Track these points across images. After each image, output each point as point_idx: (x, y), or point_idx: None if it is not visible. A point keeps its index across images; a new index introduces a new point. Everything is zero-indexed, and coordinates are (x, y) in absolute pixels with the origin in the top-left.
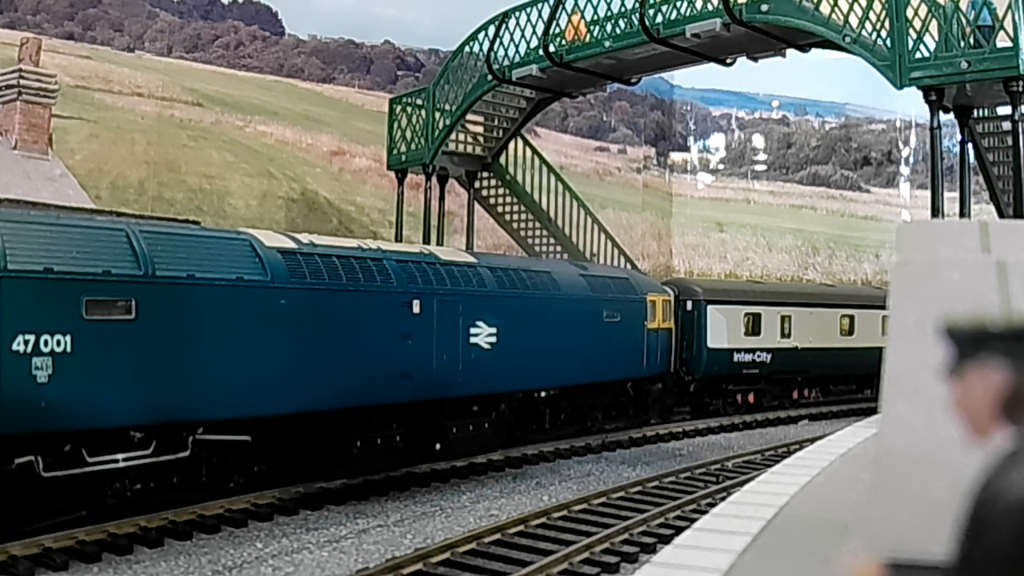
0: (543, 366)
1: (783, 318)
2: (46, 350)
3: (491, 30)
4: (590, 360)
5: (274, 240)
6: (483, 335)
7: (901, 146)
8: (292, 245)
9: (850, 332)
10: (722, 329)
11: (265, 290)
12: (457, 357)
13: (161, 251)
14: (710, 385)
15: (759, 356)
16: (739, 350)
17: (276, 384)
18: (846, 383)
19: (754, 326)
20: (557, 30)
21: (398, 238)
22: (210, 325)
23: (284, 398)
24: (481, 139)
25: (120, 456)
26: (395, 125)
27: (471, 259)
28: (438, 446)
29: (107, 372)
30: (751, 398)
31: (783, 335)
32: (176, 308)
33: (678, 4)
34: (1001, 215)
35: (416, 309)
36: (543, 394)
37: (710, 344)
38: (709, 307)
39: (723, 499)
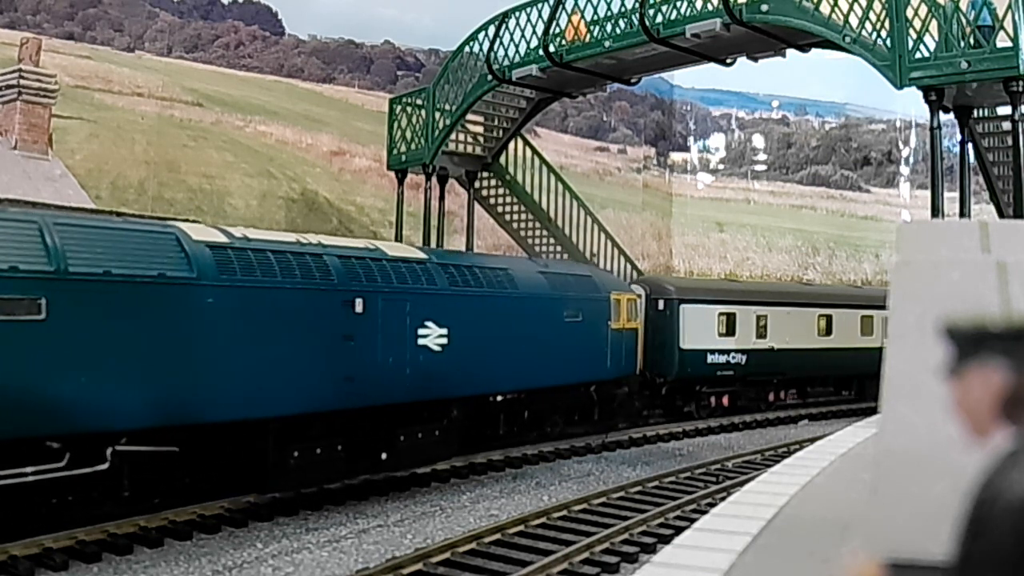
0: (499, 369)
1: (759, 318)
2: None
3: (491, 30)
4: (550, 362)
5: (203, 234)
6: (433, 336)
7: (901, 146)
8: (223, 239)
9: (828, 332)
10: (695, 329)
11: (190, 287)
12: (404, 360)
13: (75, 245)
14: (683, 387)
15: (734, 357)
16: (713, 351)
17: (204, 390)
18: (823, 385)
19: (729, 326)
20: (557, 30)
21: (398, 238)
22: (129, 326)
23: (213, 405)
24: (481, 139)
25: (29, 469)
26: (395, 125)
27: (421, 255)
28: (384, 456)
29: (13, 377)
30: (725, 401)
31: (759, 335)
32: (91, 307)
33: (678, 4)
34: (1001, 215)
35: (359, 308)
36: (499, 398)
37: (683, 345)
38: (682, 306)
39: (723, 499)
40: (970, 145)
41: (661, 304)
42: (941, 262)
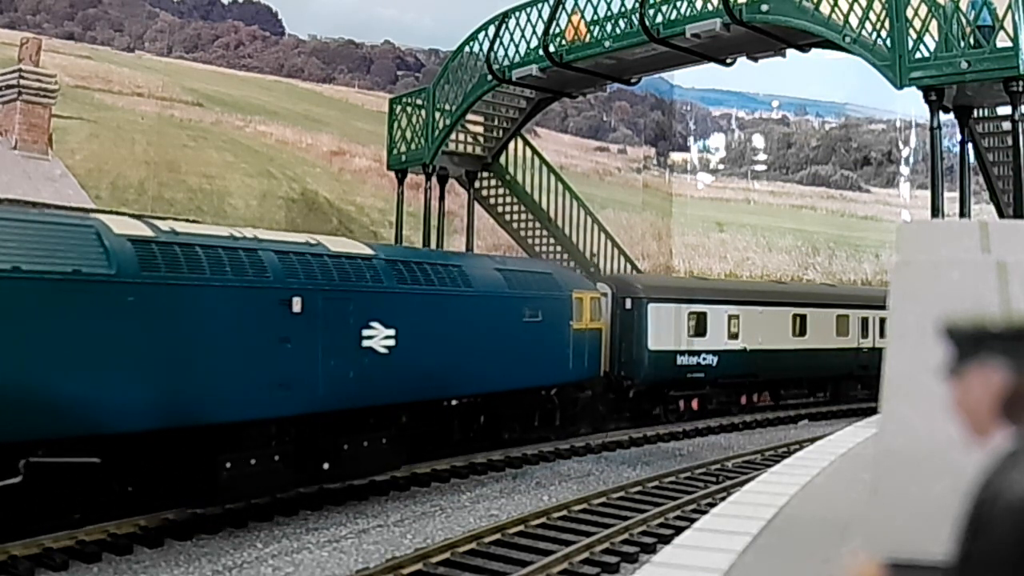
0: (451, 372)
1: (730, 318)
2: None
3: (491, 30)
4: (507, 364)
5: (125, 227)
6: (379, 337)
7: (901, 146)
8: (147, 233)
9: (802, 332)
10: (664, 330)
11: (108, 285)
12: (347, 363)
13: None
14: (651, 391)
15: (704, 359)
16: (683, 352)
17: (124, 396)
18: (798, 387)
19: (699, 326)
20: (557, 30)
21: (398, 238)
22: (40, 327)
23: (135, 413)
24: (481, 139)
25: None
26: (395, 125)
27: (367, 251)
28: (326, 466)
29: None
30: (695, 404)
31: (730, 336)
32: None
33: (678, 4)
34: (1001, 215)
35: (296, 308)
36: (454, 403)
37: (651, 346)
38: (650, 305)
39: (723, 499)
40: (970, 145)
41: (628, 303)
42: (941, 262)
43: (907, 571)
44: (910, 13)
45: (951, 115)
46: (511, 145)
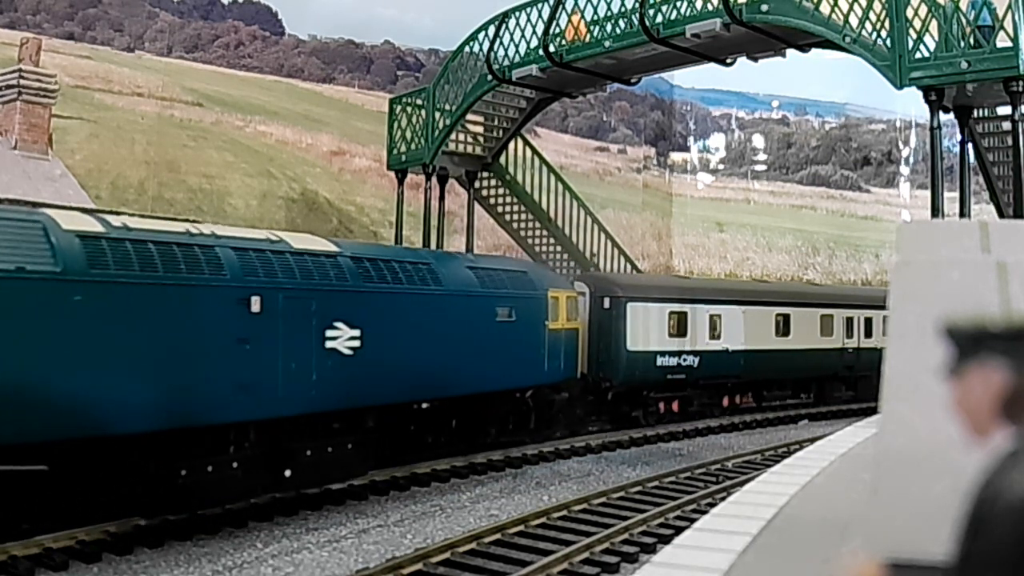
0: (420, 374)
1: (712, 317)
2: None
3: (491, 30)
4: (479, 366)
5: (75, 223)
6: (343, 338)
7: (901, 146)
8: (97, 229)
9: (785, 332)
10: (644, 330)
11: (54, 283)
12: (310, 365)
13: None
14: (630, 392)
15: (685, 360)
16: (663, 353)
17: (72, 401)
18: (781, 388)
19: (680, 326)
20: (557, 30)
21: (398, 238)
22: None
23: (86, 418)
24: (481, 139)
25: None
26: (395, 125)
27: (331, 247)
28: (288, 473)
29: None
30: (675, 406)
31: (712, 336)
32: None
33: (678, 4)
34: (1001, 215)
35: (255, 307)
36: (424, 406)
37: (630, 347)
38: (629, 305)
39: (723, 499)
40: (970, 145)
41: (607, 303)
42: (941, 262)
43: (907, 571)
44: (910, 13)
45: (951, 115)
46: (511, 145)
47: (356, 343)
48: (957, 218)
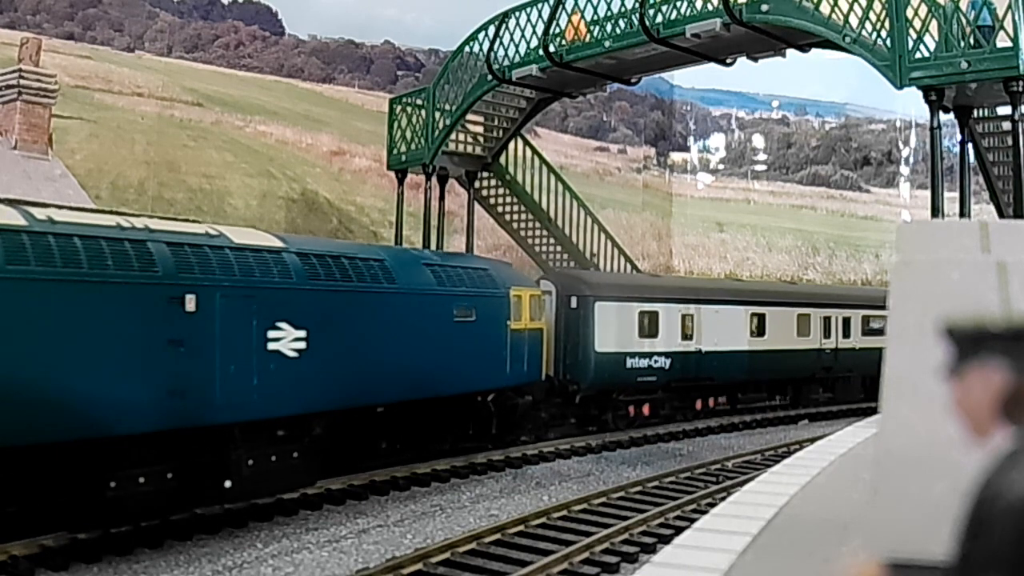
0: (372, 378)
1: (684, 317)
2: None
3: (491, 30)
4: (436, 368)
5: None
6: (287, 340)
7: (901, 146)
8: (18, 222)
9: (760, 333)
10: (613, 330)
11: None
12: (250, 368)
13: None
14: (599, 395)
15: (656, 361)
16: (633, 354)
17: None
18: (756, 390)
19: (651, 326)
20: (557, 30)
21: (398, 238)
22: None
23: (5, 426)
24: (481, 139)
25: None
26: (395, 125)
27: (275, 242)
28: (228, 483)
29: None
30: (645, 410)
31: (684, 337)
32: None
33: (678, 4)
34: (1001, 215)
35: (190, 306)
36: (379, 409)
37: (598, 348)
38: (597, 304)
39: (723, 499)
40: (970, 145)
41: (574, 302)
42: (941, 262)
43: (907, 571)
44: (910, 13)
45: (951, 115)
46: (511, 145)
47: (301, 345)
48: (957, 218)
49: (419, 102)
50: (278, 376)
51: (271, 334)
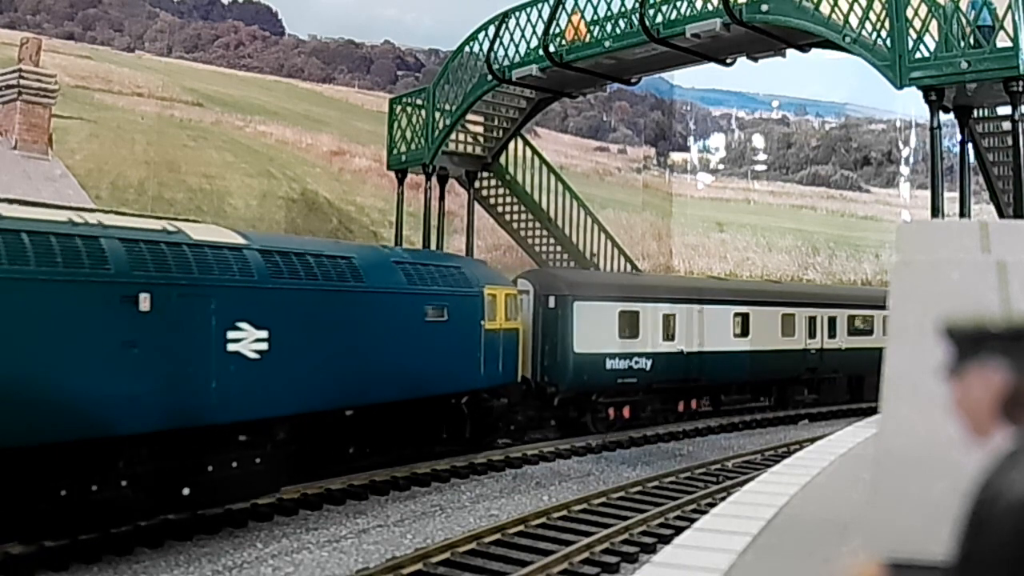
0: (339, 380)
1: (666, 317)
2: None
3: (491, 30)
4: (407, 370)
5: None
6: (248, 340)
7: (901, 146)
8: None
9: (744, 333)
10: (592, 330)
11: None
12: (209, 371)
13: None
14: (578, 397)
15: (637, 362)
16: (613, 355)
17: None
18: (740, 392)
19: (631, 327)
20: (557, 30)
21: (398, 238)
22: None
23: None
24: (481, 139)
25: None
26: (395, 125)
27: (236, 239)
28: (187, 491)
29: None
30: (626, 412)
31: (666, 337)
32: None
33: (678, 4)
34: (1001, 215)
35: (144, 306)
36: (348, 413)
37: (577, 348)
38: (576, 304)
39: (723, 499)
40: (970, 145)
41: (552, 301)
42: (941, 262)
43: (907, 571)
44: (910, 13)
45: (951, 115)
46: (511, 145)
47: (263, 346)
48: (957, 218)
49: (419, 102)
50: (238, 379)
51: (231, 335)
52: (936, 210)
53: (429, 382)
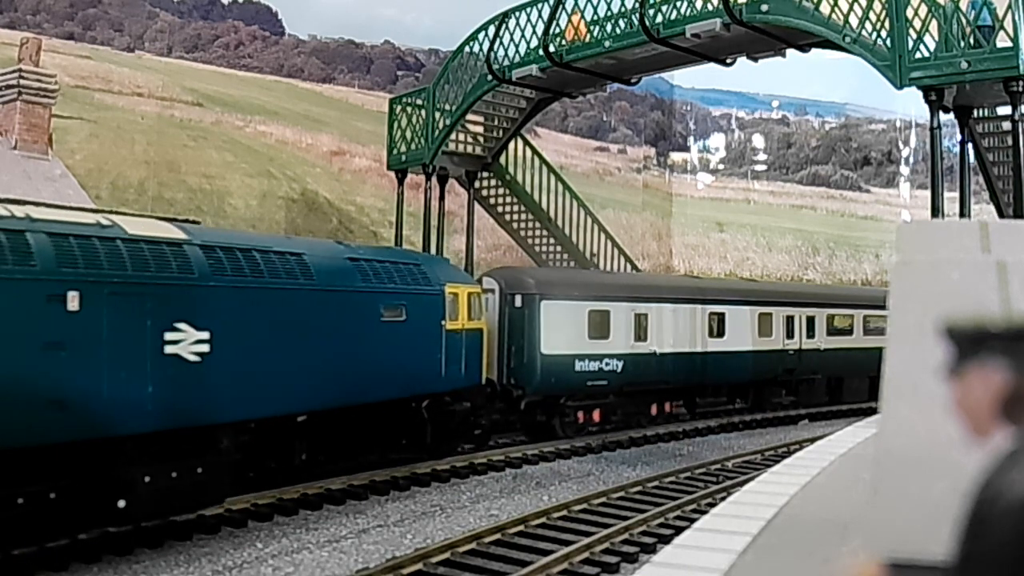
0: (289, 384)
1: (638, 317)
2: None
3: (491, 30)
4: (363, 373)
5: None
6: (188, 342)
7: (901, 146)
8: None
9: (719, 333)
10: (560, 331)
11: None
12: (145, 375)
13: None
14: (546, 400)
15: (608, 364)
16: (582, 357)
17: None
18: (715, 394)
19: (601, 327)
20: (557, 30)
21: (398, 238)
22: None
23: None
24: (481, 139)
25: None
26: (395, 125)
27: (176, 234)
28: (122, 503)
29: None
30: (596, 416)
31: (638, 338)
32: None
33: (678, 4)
34: (1001, 215)
35: (73, 305)
36: (300, 419)
37: (545, 350)
38: (543, 303)
39: (723, 499)
40: (970, 145)
41: (518, 300)
42: (941, 262)
43: (907, 571)
44: (910, 13)
45: (951, 115)
46: (511, 145)
47: (204, 348)
48: (957, 218)
49: (419, 102)
50: (177, 383)
51: (168, 336)
52: (936, 210)
53: (386, 385)
